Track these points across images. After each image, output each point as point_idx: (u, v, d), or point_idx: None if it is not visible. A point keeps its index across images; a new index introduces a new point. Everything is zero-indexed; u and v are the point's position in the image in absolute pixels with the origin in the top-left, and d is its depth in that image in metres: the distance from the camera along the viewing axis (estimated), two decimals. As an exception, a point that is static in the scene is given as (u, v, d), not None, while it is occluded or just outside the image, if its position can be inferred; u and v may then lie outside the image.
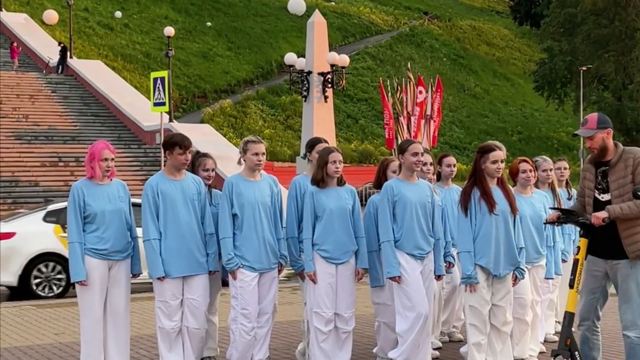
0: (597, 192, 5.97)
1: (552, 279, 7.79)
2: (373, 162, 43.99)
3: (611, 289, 6.11)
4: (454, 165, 8.09)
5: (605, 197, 5.92)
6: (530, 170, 7.62)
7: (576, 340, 6.01)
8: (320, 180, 6.78)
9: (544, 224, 6.52)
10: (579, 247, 5.97)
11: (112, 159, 6.59)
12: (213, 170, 7.21)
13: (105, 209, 6.51)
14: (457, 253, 6.89)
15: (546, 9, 65.57)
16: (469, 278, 6.45)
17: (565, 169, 8.73)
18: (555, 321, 8.58)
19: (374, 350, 7.38)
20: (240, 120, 49.91)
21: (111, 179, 6.64)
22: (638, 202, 5.71)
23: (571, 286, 5.93)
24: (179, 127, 30.24)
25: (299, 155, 24.83)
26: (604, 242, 5.88)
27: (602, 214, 5.78)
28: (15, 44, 41.36)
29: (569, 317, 5.90)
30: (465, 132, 58.16)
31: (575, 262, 5.95)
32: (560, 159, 8.88)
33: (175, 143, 6.64)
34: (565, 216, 6.14)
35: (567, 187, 8.72)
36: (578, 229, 8.18)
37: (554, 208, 6.33)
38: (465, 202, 6.48)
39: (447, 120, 56.96)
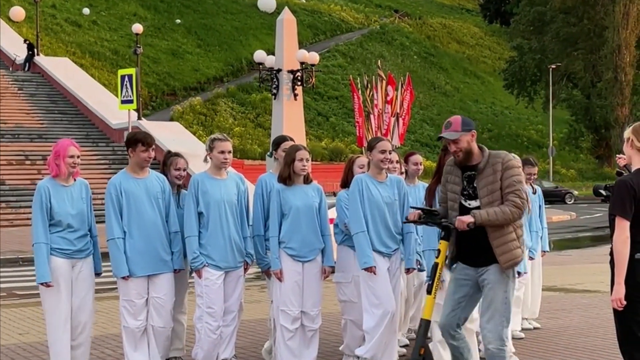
0: (463, 198, 5.69)
1: (526, 273, 7.81)
2: (344, 159, 43.93)
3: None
4: (421, 164, 8.08)
5: (473, 203, 5.63)
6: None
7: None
8: (287, 177, 6.75)
9: (403, 222, 6.14)
10: (439, 250, 5.71)
11: (78, 156, 6.50)
12: (185, 170, 7.12)
13: (69, 212, 6.42)
14: (423, 251, 6.89)
15: (516, 7, 66.04)
16: (434, 275, 6.42)
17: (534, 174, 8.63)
18: (523, 318, 8.65)
19: (341, 348, 7.37)
20: (210, 118, 49.65)
21: (75, 179, 6.55)
22: (504, 207, 5.48)
23: (429, 292, 5.69)
24: (148, 125, 30.02)
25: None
26: (475, 251, 5.61)
27: (468, 219, 5.48)
28: None
29: (424, 324, 5.68)
30: (436, 130, 58.22)
31: (435, 266, 5.70)
32: (528, 160, 8.66)
33: (138, 140, 6.58)
34: (426, 216, 5.82)
35: (531, 184, 8.66)
36: (530, 225, 8.19)
37: (415, 207, 6.06)
38: (429, 199, 6.46)
39: (418, 118, 57.13)
